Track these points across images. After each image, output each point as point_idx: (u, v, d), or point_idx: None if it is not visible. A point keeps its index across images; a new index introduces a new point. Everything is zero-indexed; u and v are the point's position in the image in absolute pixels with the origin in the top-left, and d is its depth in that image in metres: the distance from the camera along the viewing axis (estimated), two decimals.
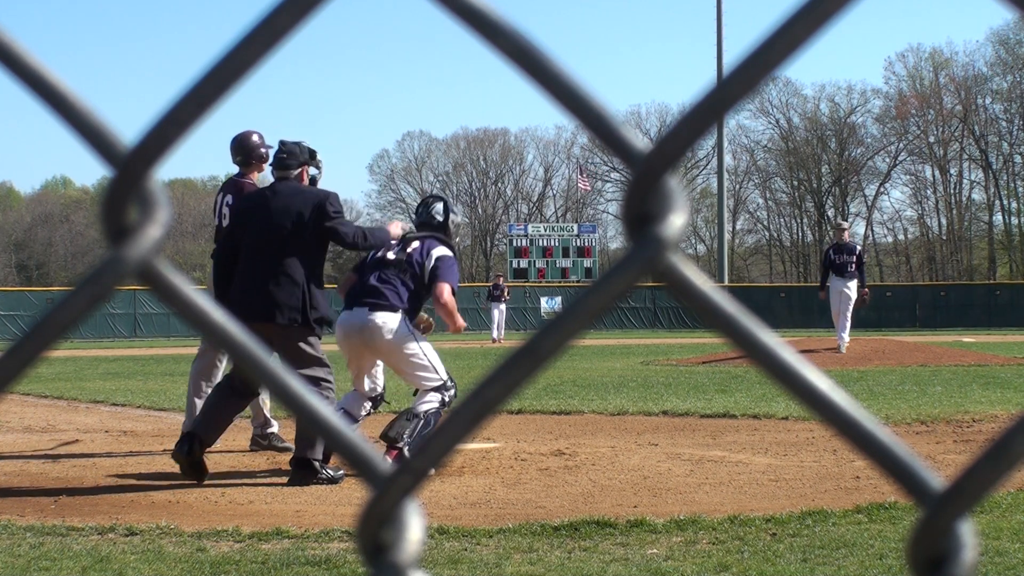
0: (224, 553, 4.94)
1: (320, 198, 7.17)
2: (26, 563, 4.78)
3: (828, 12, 0.54)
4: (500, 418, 9.92)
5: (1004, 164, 72.63)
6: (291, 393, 0.59)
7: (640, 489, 6.61)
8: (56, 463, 8.00)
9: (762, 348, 0.56)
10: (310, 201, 7.13)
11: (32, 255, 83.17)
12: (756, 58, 0.54)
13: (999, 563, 4.53)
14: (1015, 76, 71.40)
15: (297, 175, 7.32)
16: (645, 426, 9.90)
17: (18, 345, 0.59)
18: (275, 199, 7.18)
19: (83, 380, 17.21)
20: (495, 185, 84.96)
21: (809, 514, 5.52)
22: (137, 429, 10.24)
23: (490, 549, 4.93)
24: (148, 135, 0.59)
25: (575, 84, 0.56)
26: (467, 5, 0.57)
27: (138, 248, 0.58)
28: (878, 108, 76.03)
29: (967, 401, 11.48)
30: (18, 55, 0.59)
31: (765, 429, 9.45)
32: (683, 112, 0.56)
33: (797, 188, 78.08)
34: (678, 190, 0.56)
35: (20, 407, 12.40)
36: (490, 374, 0.57)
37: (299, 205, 7.10)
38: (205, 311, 0.59)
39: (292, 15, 0.57)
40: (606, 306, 0.56)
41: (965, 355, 20.32)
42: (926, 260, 75.85)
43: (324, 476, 6.86)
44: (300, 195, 7.18)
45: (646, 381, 15.36)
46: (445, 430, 0.58)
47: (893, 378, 15.22)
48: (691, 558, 4.72)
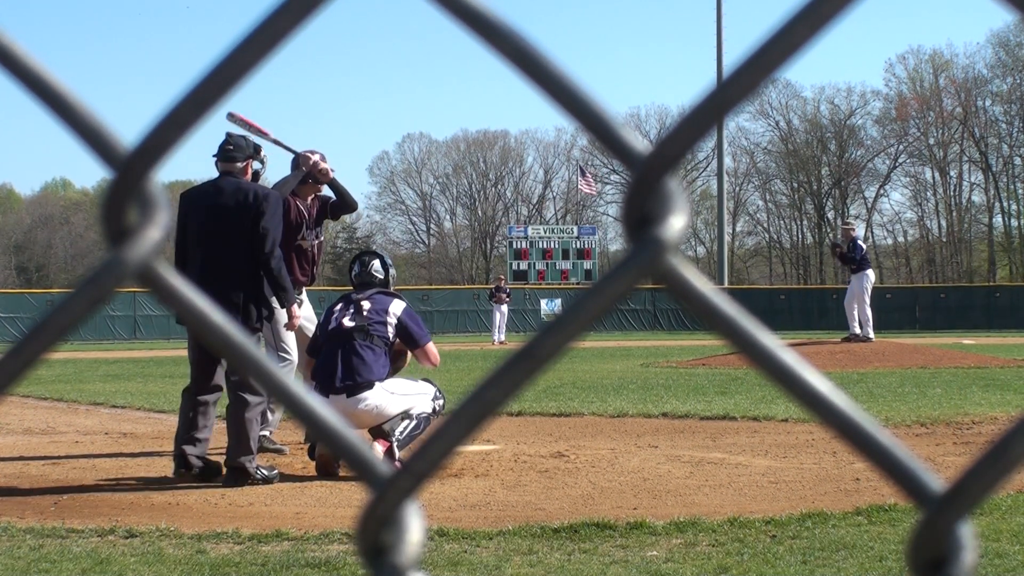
0: (224, 555, 4.94)
1: (259, 196, 7.14)
2: (26, 565, 4.77)
3: (828, 14, 0.54)
4: (500, 420, 9.92)
5: (1004, 166, 72.65)
6: (291, 394, 0.59)
7: (640, 491, 6.61)
8: (56, 465, 8.00)
9: (762, 350, 0.56)
10: (249, 198, 7.10)
11: (32, 257, 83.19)
12: (756, 60, 0.54)
13: (999, 565, 4.53)
14: (1015, 78, 71.42)
15: (242, 168, 7.33)
16: (645, 428, 9.90)
17: (18, 347, 0.59)
18: (218, 196, 7.17)
19: (83, 382, 17.21)
20: (495, 187, 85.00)
21: (809, 516, 5.52)
22: (137, 431, 10.24)
23: (490, 551, 4.93)
24: (148, 137, 0.59)
25: (575, 86, 0.56)
26: (467, 6, 0.57)
27: (138, 250, 0.58)
28: (878, 110, 76.14)
29: (967, 403, 11.47)
30: (18, 56, 0.59)
31: (765, 431, 9.45)
32: (683, 114, 0.56)
33: (797, 190, 78.10)
34: (678, 192, 0.56)
35: (20, 409, 12.40)
36: (489, 376, 0.57)
37: (239, 201, 7.08)
38: (204, 313, 0.59)
39: (292, 16, 0.57)
40: (606, 308, 0.56)
41: (965, 357, 20.32)
42: (926, 262, 75.86)
43: (259, 476, 6.91)
44: (240, 191, 7.14)
45: (646, 383, 15.36)
46: (445, 432, 0.58)
47: (893, 380, 15.22)
48: (691, 560, 4.71)
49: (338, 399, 7.10)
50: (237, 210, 7.08)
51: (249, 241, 7.06)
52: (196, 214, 7.17)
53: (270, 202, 7.14)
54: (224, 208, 7.10)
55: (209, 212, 7.12)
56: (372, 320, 7.39)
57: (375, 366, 7.25)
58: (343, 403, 7.09)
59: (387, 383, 7.28)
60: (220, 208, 7.11)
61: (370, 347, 7.30)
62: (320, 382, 7.27)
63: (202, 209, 7.17)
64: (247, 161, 7.37)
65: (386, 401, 7.20)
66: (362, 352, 7.26)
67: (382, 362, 7.31)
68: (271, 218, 7.12)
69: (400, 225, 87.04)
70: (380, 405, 7.16)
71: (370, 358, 7.26)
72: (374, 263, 7.81)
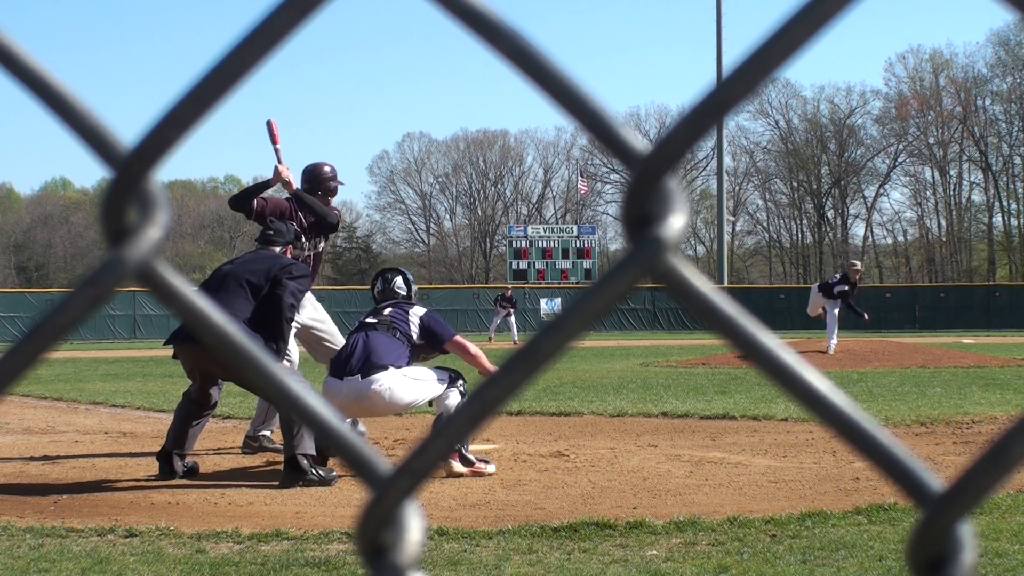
0: (223, 554, 4.94)
1: (282, 265, 7.41)
2: (26, 564, 4.77)
3: (828, 13, 0.54)
4: (500, 419, 9.91)
5: (1004, 165, 72.66)
6: (291, 394, 0.59)
7: (640, 490, 6.61)
8: (56, 464, 8.00)
9: (762, 350, 0.56)
10: (269, 265, 7.40)
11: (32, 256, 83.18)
12: (756, 59, 0.54)
13: (998, 565, 4.53)
14: (1015, 77, 71.43)
15: (280, 252, 7.65)
16: (645, 427, 9.90)
17: (17, 346, 0.59)
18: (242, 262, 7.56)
19: (83, 382, 17.21)
20: (495, 186, 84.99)
21: (809, 515, 5.52)
22: (136, 431, 10.24)
23: (489, 550, 4.93)
24: (148, 136, 0.59)
25: (574, 85, 0.56)
26: (467, 6, 0.57)
27: (138, 249, 0.58)
28: (878, 109, 76.18)
29: (966, 402, 11.48)
30: (18, 56, 0.59)
31: (765, 431, 9.45)
32: (682, 113, 0.56)
33: (797, 189, 78.10)
34: (678, 191, 0.56)
35: (20, 409, 12.40)
36: (490, 375, 0.57)
37: (260, 267, 7.38)
38: (204, 312, 0.59)
39: (292, 16, 0.57)
40: (606, 308, 0.56)
41: (964, 356, 20.34)
42: (925, 261, 75.87)
43: (314, 476, 6.88)
44: (264, 260, 7.47)
45: (646, 382, 15.36)
46: (445, 431, 0.58)
47: (892, 379, 15.22)
48: (691, 559, 4.71)
49: (352, 379, 7.06)
50: (257, 273, 7.37)
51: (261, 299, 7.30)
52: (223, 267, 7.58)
53: (289, 271, 7.39)
54: (243, 268, 7.43)
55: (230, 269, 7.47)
56: (394, 318, 7.44)
57: (393, 352, 7.20)
58: (356, 384, 7.04)
59: (404, 368, 7.21)
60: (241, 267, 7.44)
61: (389, 336, 7.30)
62: (335, 365, 7.26)
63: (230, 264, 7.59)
64: (285, 248, 7.72)
65: (400, 384, 7.06)
66: (381, 338, 7.26)
67: (401, 351, 7.25)
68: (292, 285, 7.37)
69: (400, 224, 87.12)
70: (392, 388, 7.03)
71: (388, 343, 7.23)
72: (397, 279, 7.91)
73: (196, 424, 7.36)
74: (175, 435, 7.28)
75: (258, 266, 7.35)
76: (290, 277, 7.27)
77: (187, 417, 7.33)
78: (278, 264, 7.36)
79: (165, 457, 7.27)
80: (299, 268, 7.48)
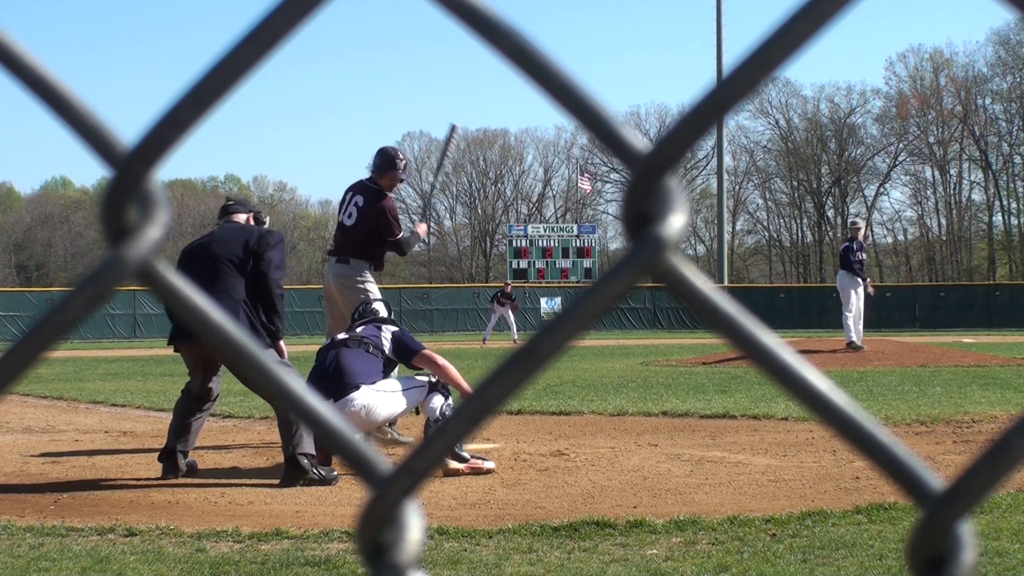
0: (224, 554, 4.94)
1: (258, 235, 7.48)
2: (26, 564, 4.77)
3: (828, 13, 0.54)
4: (500, 419, 9.91)
5: (1004, 165, 72.67)
6: (290, 393, 0.59)
7: (640, 490, 6.61)
8: (56, 464, 8.00)
9: (762, 349, 0.56)
10: (245, 237, 7.46)
11: (32, 256, 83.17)
12: (756, 58, 0.54)
13: (999, 564, 4.53)
14: (1015, 77, 71.42)
15: (245, 220, 7.77)
16: (645, 427, 9.90)
17: (18, 346, 0.59)
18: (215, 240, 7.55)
19: (83, 381, 17.21)
20: (495, 185, 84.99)
21: (809, 515, 5.52)
22: (137, 430, 10.24)
23: (490, 550, 4.93)
24: (148, 135, 0.59)
25: (575, 84, 0.56)
26: (467, 5, 0.57)
27: (138, 249, 0.58)
28: (878, 108, 76.18)
29: (967, 402, 11.47)
30: (18, 55, 0.59)
31: (765, 430, 9.44)
32: (683, 112, 0.56)
33: (797, 189, 78.11)
34: (678, 191, 0.56)
35: (20, 408, 12.40)
36: (490, 375, 0.57)
37: (237, 241, 7.43)
38: (204, 312, 0.59)
39: (292, 16, 0.57)
40: (606, 307, 0.56)
41: (965, 356, 20.33)
42: (926, 261, 75.88)
43: (314, 475, 6.89)
44: (237, 233, 7.53)
45: (646, 382, 15.36)
46: (445, 430, 0.58)
47: (893, 379, 15.22)
48: (691, 559, 4.71)
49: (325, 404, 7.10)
50: (237, 247, 7.44)
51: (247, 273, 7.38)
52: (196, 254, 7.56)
53: (268, 241, 7.48)
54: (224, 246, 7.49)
55: (210, 251, 7.49)
56: (365, 335, 7.61)
57: (365, 368, 7.31)
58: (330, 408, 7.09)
59: (376, 384, 7.28)
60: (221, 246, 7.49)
61: (361, 352, 7.39)
62: (309, 385, 7.27)
63: (202, 250, 7.57)
64: (249, 216, 7.85)
65: (374, 401, 7.18)
66: (352, 355, 7.39)
67: (374, 365, 7.36)
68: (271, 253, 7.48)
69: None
70: (368, 406, 7.16)
71: (360, 359, 7.35)
72: (375, 305, 8.19)
73: (196, 419, 7.40)
74: (176, 431, 7.30)
75: (234, 240, 7.42)
76: (268, 247, 7.38)
77: (187, 413, 7.37)
78: (253, 235, 7.45)
79: (168, 455, 7.29)
80: (274, 235, 7.58)
